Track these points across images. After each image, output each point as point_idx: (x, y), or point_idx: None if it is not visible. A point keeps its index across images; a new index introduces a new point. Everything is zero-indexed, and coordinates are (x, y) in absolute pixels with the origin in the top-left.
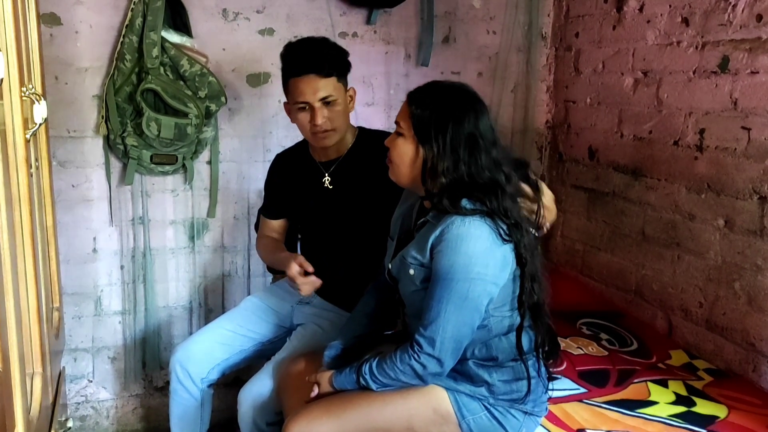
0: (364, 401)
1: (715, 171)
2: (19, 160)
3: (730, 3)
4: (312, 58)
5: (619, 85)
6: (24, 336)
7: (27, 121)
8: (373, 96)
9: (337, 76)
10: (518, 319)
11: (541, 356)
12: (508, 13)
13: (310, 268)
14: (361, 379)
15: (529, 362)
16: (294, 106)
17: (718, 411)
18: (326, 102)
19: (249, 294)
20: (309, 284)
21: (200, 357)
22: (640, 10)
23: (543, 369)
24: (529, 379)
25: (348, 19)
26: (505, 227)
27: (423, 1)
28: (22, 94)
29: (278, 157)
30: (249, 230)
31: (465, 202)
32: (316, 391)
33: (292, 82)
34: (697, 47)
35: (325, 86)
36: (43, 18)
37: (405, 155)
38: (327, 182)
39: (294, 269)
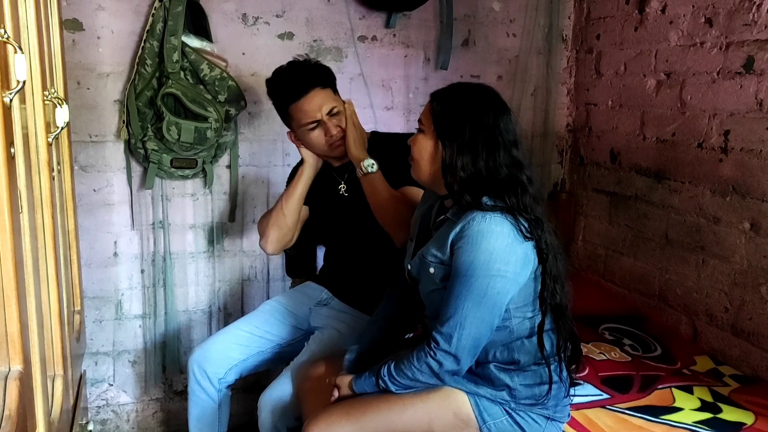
0: (383, 404)
1: (740, 173)
2: (42, 163)
3: (755, 3)
4: (309, 75)
5: (642, 87)
6: (45, 338)
7: (49, 125)
8: (393, 100)
9: (332, 88)
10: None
11: (563, 360)
12: (528, 15)
13: None
14: (380, 382)
15: (551, 366)
16: (303, 129)
17: (745, 418)
18: (333, 114)
19: (268, 298)
20: None
21: (217, 357)
22: (663, 11)
23: (565, 373)
24: (551, 382)
25: (367, 23)
26: (526, 224)
27: (442, 4)
28: (45, 98)
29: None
30: None
31: (486, 199)
32: (336, 395)
33: (296, 107)
34: (721, 48)
35: (327, 98)
36: (65, 24)
37: (425, 150)
38: (342, 190)
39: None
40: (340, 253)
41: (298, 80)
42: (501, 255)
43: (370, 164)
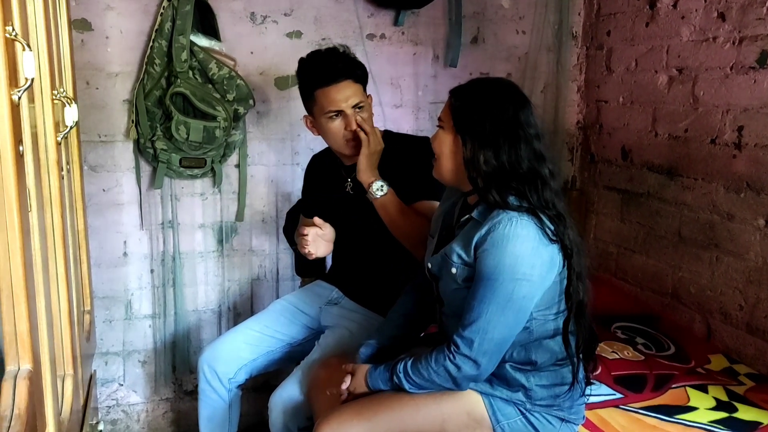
0: (396, 404)
1: (754, 169)
2: (51, 162)
3: None
4: (344, 65)
5: (653, 83)
6: (55, 338)
7: (58, 124)
8: (401, 98)
9: (363, 86)
10: (561, 324)
11: (579, 360)
12: (538, 12)
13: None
14: (394, 378)
15: (567, 368)
16: (324, 117)
17: (761, 417)
18: (358, 107)
19: (278, 297)
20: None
21: (227, 357)
22: (674, 6)
23: (581, 374)
24: (573, 383)
25: (376, 21)
26: (550, 225)
27: (451, 2)
28: (54, 97)
29: (313, 158)
30: (278, 234)
31: (512, 199)
32: (348, 380)
33: (323, 92)
34: (734, 42)
35: (356, 92)
36: (74, 24)
37: (445, 145)
38: (349, 187)
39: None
40: (348, 252)
41: (334, 67)
42: (527, 259)
43: (379, 188)
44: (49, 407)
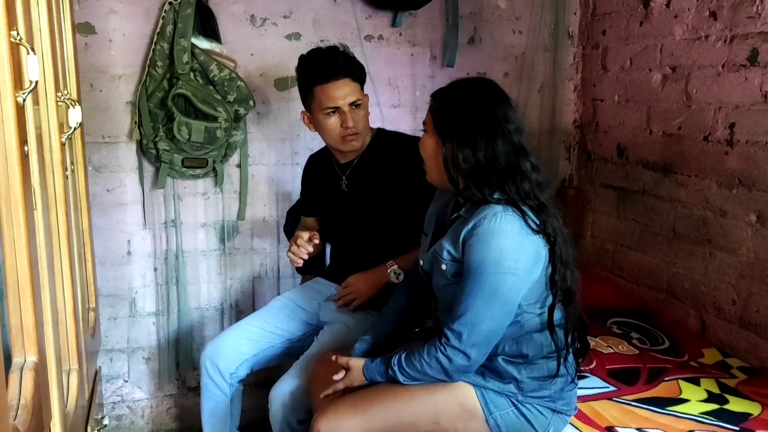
0: (390, 396)
1: (746, 166)
2: (55, 162)
3: None
4: (343, 63)
5: (648, 81)
6: (60, 333)
7: (62, 126)
8: (399, 98)
9: (361, 82)
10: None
11: (569, 352)
12: (534, 12)
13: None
14: (389, 371)
15: (560, 359)
16: (321, 113)
17: (752, 408)
18: (355, 105)
19: (278, 295)
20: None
21: (229, 353)
22: (667, 5)
23: (572, 367)
24: (558, 371)
25: (373, 22)
26: (533, 217)
27: (448, 3)
28: (58, 99)
29: (310, 158)
30: (278, 232)
31: (496, 194)
32: (341, 375)
33: (322, 89)
34: (725, 41)
35: (354, 90)
36: (78, 27)
37: (429, 148)
38: (344, 185)
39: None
40: (345, 249)
41: (334, 64)
42: (511, 253)
43: (395, 276)
44: (55, 399)
